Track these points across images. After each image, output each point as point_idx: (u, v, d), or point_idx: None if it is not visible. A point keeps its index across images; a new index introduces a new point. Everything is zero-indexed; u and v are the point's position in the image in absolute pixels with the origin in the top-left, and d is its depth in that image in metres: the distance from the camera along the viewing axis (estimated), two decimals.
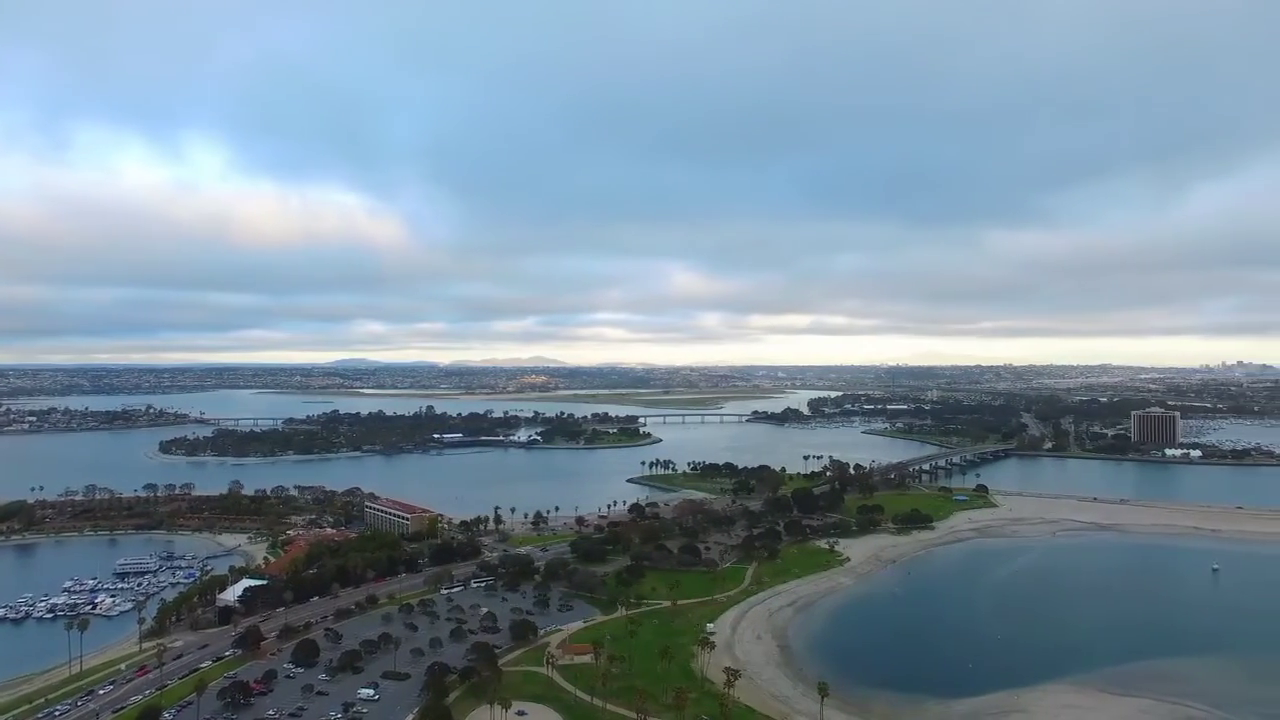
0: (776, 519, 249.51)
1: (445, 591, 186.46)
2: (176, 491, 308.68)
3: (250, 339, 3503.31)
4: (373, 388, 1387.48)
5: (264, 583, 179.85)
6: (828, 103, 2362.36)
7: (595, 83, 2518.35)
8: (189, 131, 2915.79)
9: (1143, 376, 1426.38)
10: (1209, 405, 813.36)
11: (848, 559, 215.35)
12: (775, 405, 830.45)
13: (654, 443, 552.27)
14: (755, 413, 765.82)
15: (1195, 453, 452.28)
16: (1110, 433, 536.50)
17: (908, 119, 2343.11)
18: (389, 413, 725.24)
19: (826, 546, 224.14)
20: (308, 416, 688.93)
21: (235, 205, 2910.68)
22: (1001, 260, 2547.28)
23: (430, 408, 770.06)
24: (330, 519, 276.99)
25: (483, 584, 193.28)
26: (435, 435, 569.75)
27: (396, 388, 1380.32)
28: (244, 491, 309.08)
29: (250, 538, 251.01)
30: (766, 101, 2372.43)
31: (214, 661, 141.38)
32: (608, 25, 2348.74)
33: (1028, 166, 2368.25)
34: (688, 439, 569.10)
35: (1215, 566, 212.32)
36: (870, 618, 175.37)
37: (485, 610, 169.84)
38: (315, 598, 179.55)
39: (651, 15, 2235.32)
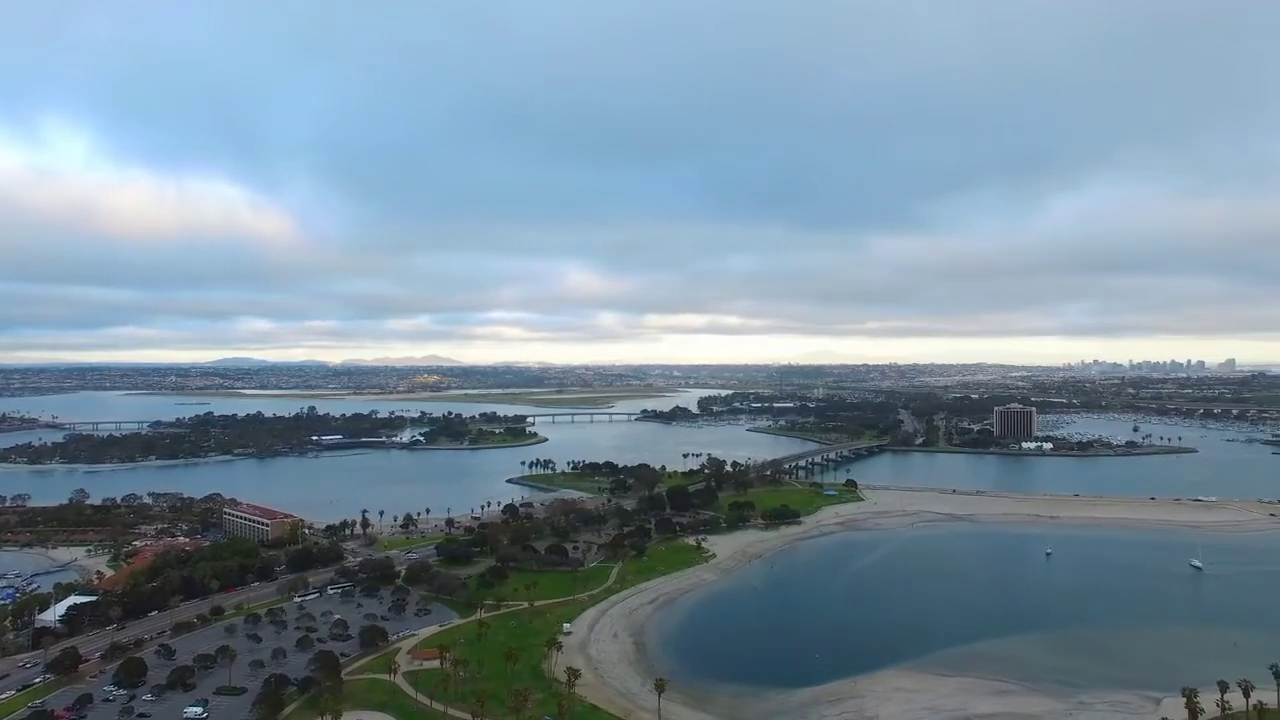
0: (649, 517, 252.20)
1: (298, 599, 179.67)
2: (8, 504, 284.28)
3: (122, 337, 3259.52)
4: (255, 388, 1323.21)
5: (93, 599, 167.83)
6: (714, 106, 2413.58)
7: (487, 81, 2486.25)
8: (48, 114, 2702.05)
9: (1013, 375, 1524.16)
10: (1065, 401, 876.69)
11: (714, 555, 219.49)
12: (667, 404, 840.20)
13: (540, 442, 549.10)
14: (644, 411, 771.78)
15: (1047, 445, 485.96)
16: (976, 428, 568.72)
17: (789, 124, 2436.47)
18: (268, 414, 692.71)
19: (694, 543, 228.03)
20: (178, 419, 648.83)
21: (103, 194, 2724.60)
22: (884, 264, 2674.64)
23: (312, 409, 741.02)
24: (185, 527, 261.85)
25: (339, 590, 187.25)
26: (314, 437, 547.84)
27: (281, 388, 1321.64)
28: (90, 501, 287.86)
29: (90, 551, 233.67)
30: (656, 104, 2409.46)
31: (19, 690, 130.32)
32: (498, 23, 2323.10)
33: (903, 175, 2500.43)
34: (575, 438, 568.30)
35: (1049, 551, 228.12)
36: (728, 613, 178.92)
37: (337, 617, 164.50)
38: (155, 612, 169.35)
39: (541, 15, 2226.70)
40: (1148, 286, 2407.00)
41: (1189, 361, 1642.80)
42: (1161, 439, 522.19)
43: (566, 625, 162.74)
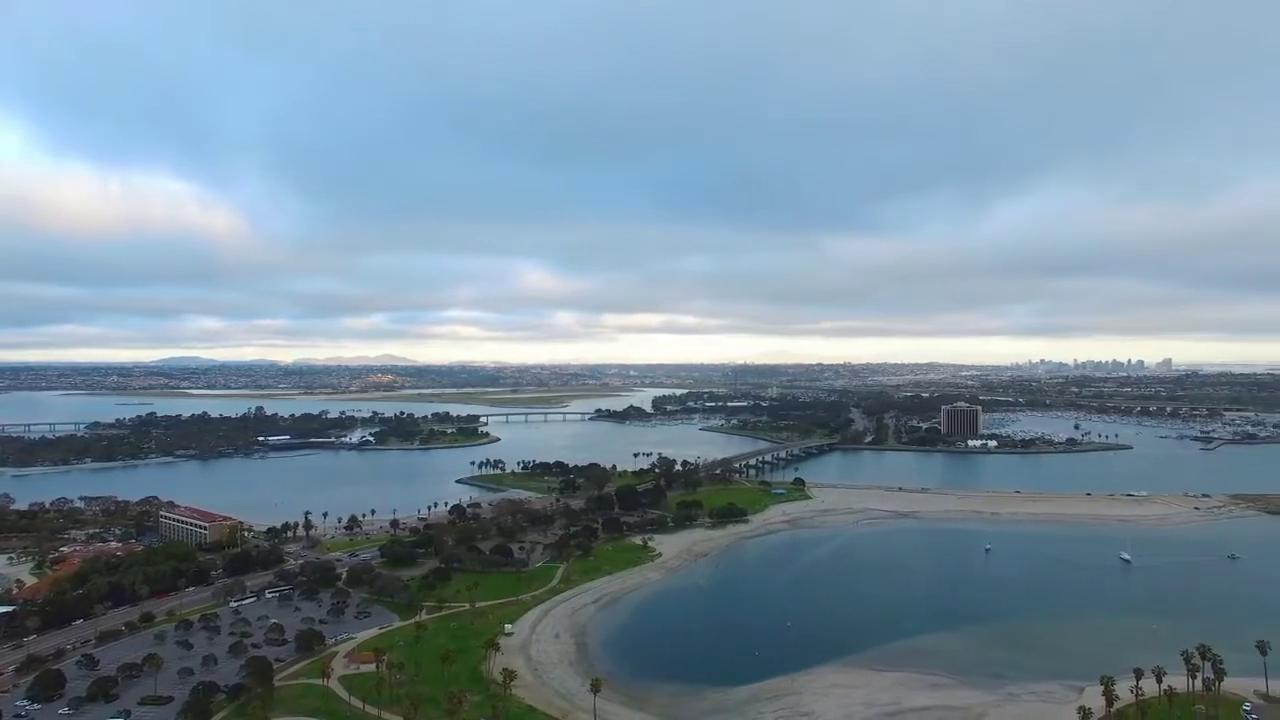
0: (596, 517, 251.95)
1: (234, 604, 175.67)
2: None
3: (62, 335, 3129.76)
4: (203, 388, 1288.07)
5: (10, 609, 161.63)
6: (669, 107, 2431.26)
7: (440, 79, 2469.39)
8: None
9: (964, 374, 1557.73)
10: (1012, 400, 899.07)
11: (660, 554, 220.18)
12: (622, 404, 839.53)
13: (492, 442, 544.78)
14: (598, 411, 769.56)
15: (992, 443, 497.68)
16: (924, 426, 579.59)
17: (745, 126, 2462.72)
18: (215, 414, 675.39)
19: (641, 543, 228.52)
20: (117, 420, 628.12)
21: (41, 187, 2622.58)
22: (839, 265, 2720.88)
23: (260, 409, 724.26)
24: (119, 532, 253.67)
25: (277, 594, 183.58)
26: (261, 438, 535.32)
27: (230, 388, 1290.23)
28: (15, 506, 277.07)
29: (12, 559, 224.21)
30: (611, 104, 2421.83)
31: None
32: (451, 20, 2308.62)
33: (857, 178, 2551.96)
34: (528, 438, 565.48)
35: (988, 547, 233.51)
36: (671, 612, 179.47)
37: (273, 621, 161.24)
38: (80, 621, 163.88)
39: (494, 13, 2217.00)
40: (1090, 289, 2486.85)
41: (1129, 361, 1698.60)
42: (1100, 436, 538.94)
43: (508, 626, 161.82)
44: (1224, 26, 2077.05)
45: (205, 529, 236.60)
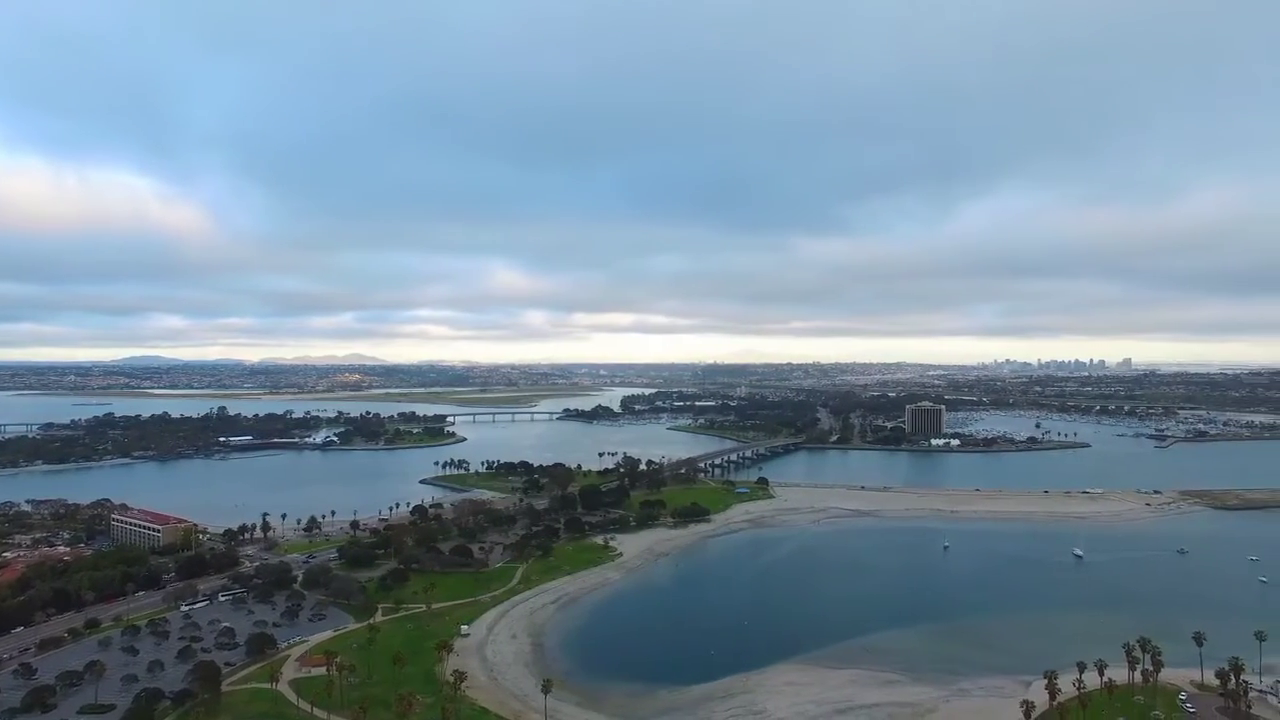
0: (559, 517, 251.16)
1: (185, 608, 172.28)
2: None
3: (17, 334, 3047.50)
4: (165, 388, 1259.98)
5: None
6: (639, 107, 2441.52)
7: (409, 77, 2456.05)
8: None
9: (931, 373, 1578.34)
10: (976, 399, 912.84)
11: (621, 554, 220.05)
12: (590, 403, 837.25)
13: (458, 442, 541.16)
14: (566, 410, 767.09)
15: (955, 442, 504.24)
16: (890, 425, 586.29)
17: (715, 127, 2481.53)
18: (175, 414, 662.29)
19: (602, 542, 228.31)
20: (72, 421, 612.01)
21: None
22: (809, 265, 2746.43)
23: (223, 409, 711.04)
24: (68, 535, 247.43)
25: (230, 597, 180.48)
26: (222, 438, 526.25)
27: (193, 387, 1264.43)
28: None
29: None
30: (581, 104, 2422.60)
31: None
32: (419, 19, 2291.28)
33: (827, 179, 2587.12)
34: (496, 438, 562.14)
35: (946, 544, 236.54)
36: (630, 611, 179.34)
37: (224, 625, 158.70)
38: (20, 628, 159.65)
39: (464, 11, 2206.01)
40: (1055, 290, 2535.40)
41: (1091, 361, 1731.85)
42: (1060, 435, 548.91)
43: (465, 627, 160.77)
44: (1181, 38, 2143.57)
45: (159, 532, 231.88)
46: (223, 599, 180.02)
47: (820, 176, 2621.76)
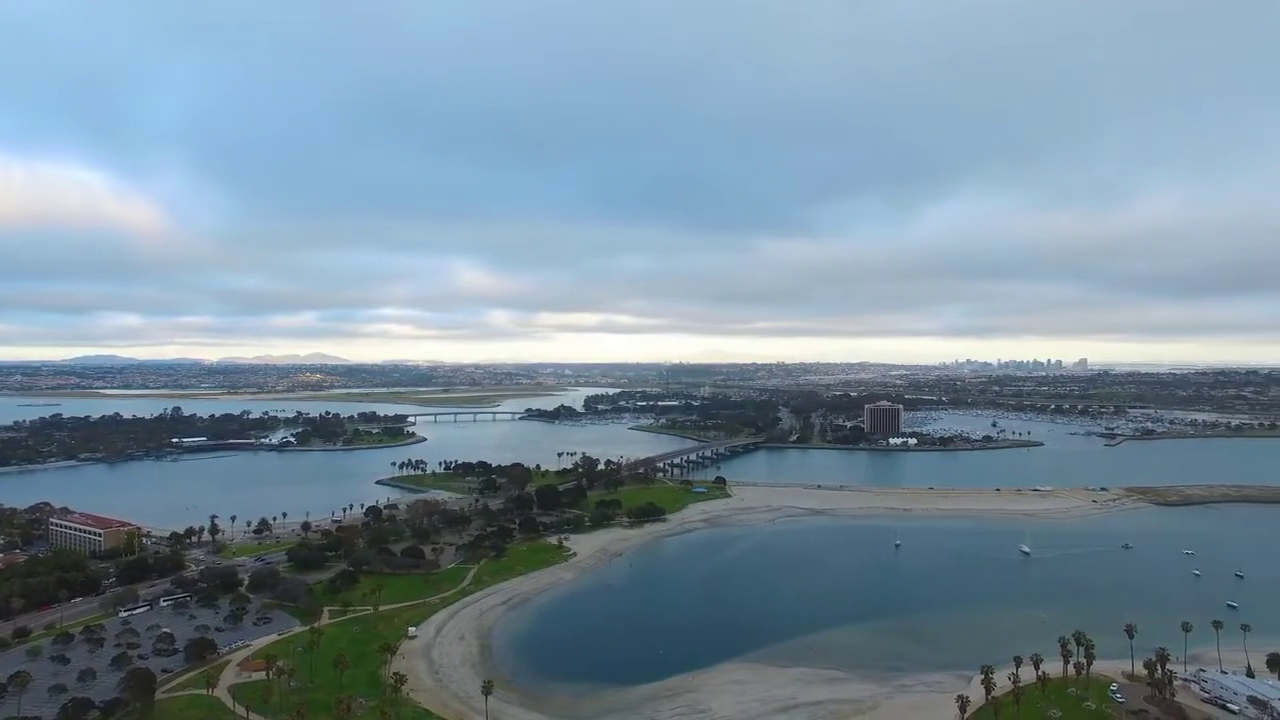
0: (514, 517, 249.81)
1: (124, 614, 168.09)
2: None
3: None
4: (118, 388, 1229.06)
5: None
6: (601, 107, 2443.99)
7: (370, 75, 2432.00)
8: None
9: (894, 373, 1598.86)
10: (936, 398, 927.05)
11: (574, 554, 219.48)
12: (554, 403, 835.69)
13: (418, 442, 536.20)
14: (529, 410, 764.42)
15: (912, 441, 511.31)
16: (849, 424, 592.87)
17: (678, 128, 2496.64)
18: (127, 415, 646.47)
19: (556, 543, 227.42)
20: (16, 422, 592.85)
21: None
22: (773, 266, 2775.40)
23: (177, 409, 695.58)
24: (2, 541, 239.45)
25: (172, 602, 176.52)
26: (174, 439, 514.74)
27: (147, 387, 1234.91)
28: None
29: None
30: (544, 104, 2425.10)
31: None
32: (378, 17, 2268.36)
33: (790, 181, 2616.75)
34: (456, 438, 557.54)
35: (898, 542, 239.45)
36: (580, 612, 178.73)
37: (164, 631, 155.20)
38: None
39: (424, 9, 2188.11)
40: (1015, 291, 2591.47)
41: (1049, 361, 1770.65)
42: (1014, 433, 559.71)
43: (413, 629, 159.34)
44: (1127, 49, 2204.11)
45: (100, 536, 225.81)
46: (164, 604, 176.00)
47: (781, 178, 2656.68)
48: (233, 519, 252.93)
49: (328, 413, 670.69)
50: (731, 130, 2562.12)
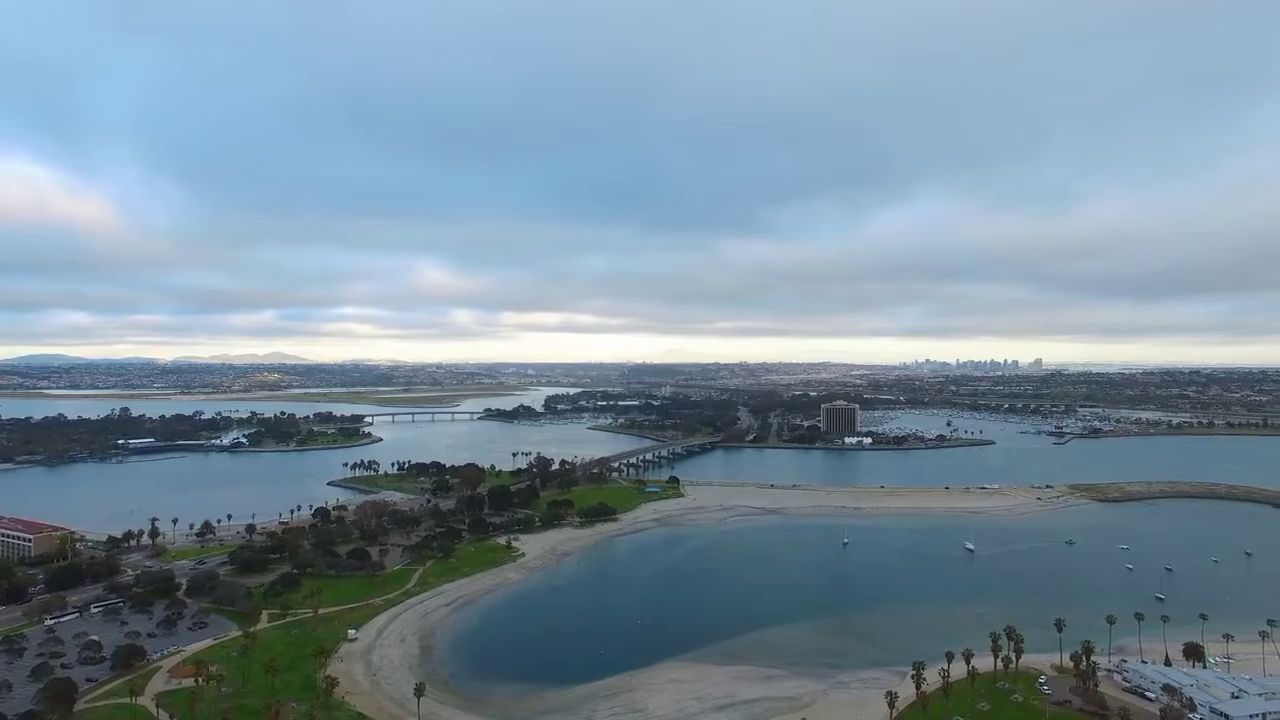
0: (464, 517, 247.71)
1: (50, 621, 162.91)
2: None
3: None
4: (64, 388, 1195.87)
5: None
6: (562, 107, 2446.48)
7: (328, 72, 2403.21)
8: None
9: (854, 373, 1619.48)
10: (893, 398, 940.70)
11: (523, 554, 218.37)
12: (514, 403, 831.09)
13: (373, 443, 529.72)
14: (488, 410, 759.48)
15: (867, 440, 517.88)
16: (806, 424, 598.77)
17: (638, 129, 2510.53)
18: (72, 416, 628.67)
19: (505, 543, 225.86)
20: None
21: None
22: (734, 266, 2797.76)
23: (126, 409, 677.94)
24: None
25: (103, 608, 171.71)
26: (120, 441, 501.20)
27: (97, 387, 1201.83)
28: None
29: None
30: (506, 103, 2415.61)
31: None
32: (336, 12, 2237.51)
33: (749, 182, 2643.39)
34: (413, 438, 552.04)
35: (846, 540, 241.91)
36: (525, 612, 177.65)
37: (91, 638, 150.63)
38: None
39: (387, 9, 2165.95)
40: (971, 293, 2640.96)
41: (1006, 361, 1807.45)
42: (968, 432, 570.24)
43: (353, 631, 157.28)
44: (1075, 56, 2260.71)
45: (30, 541, 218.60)
46: (95, 610, 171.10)
47: (738, 179, 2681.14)
48: (174, 522, 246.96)
49: (283, 413, 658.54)
50: (693, 131, 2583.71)
